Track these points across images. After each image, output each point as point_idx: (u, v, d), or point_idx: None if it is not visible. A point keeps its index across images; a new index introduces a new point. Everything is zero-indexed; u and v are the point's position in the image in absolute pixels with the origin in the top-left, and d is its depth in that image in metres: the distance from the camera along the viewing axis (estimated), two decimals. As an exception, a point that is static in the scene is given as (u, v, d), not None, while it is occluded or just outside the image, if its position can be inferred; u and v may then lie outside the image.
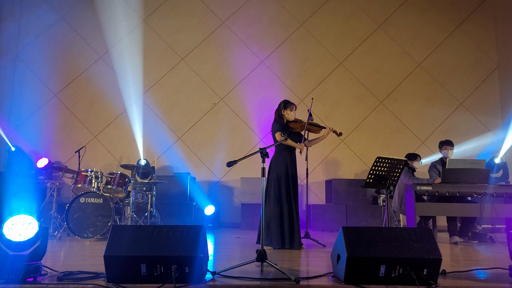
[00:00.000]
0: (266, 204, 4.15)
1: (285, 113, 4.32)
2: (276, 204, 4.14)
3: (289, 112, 4.31)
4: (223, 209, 7.17)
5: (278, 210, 4.13)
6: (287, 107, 4.32)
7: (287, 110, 4.32)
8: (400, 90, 7.61)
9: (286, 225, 4.09)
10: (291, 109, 4.32)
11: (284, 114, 4.33)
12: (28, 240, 2.48)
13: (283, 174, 4.18)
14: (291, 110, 4.32)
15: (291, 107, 4.32)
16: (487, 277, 2.74)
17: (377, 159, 3.73)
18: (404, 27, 7.79)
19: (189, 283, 2.36)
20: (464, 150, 7.23)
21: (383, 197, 6.49)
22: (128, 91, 7.50)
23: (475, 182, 4.89)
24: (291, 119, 4.33)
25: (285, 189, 4.17)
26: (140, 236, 2.45)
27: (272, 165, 4.27)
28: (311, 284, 2.44)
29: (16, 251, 2.47)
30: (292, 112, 4.32)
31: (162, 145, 7.41)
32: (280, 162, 4.22)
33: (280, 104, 4.37)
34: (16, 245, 2.47)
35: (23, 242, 2.47)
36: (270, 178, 4.22)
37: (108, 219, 4.87)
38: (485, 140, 7.40)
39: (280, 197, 4.15)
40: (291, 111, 4.32)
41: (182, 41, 7.70)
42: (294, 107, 4.36)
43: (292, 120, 4.33)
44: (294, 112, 4.35)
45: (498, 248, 4.40)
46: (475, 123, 7.50)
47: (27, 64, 7.56)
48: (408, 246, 2.42)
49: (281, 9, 7.81)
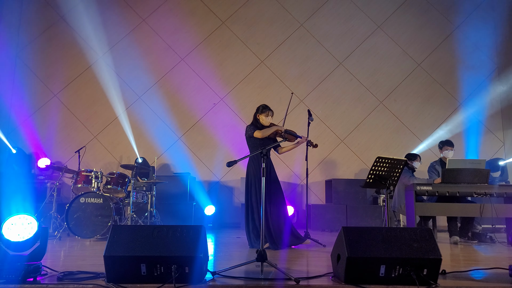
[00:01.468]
0: (252, 207, 4.17)
1: (260, 117, 4.33)
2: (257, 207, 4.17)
3: (264, 117, 4.32)
4: (223, 209, 7.17)
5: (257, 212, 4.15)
6: (263, 112, 4.33)
7: (262, 115, 4.32)
8: (400, 90, 7.62)
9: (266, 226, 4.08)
10: (266, 114, 4.32)
11: (259, 119, 4.34)
12: (27, 240, 2.48)
13: (258, 177, 4.17)
14: (267, 115, 4.32)
15: (267, 112, 4.33)
16: (487, 277, 2.74)
17: (377, 159, 3.73)
18: (404, 27, 7.79)
19: (189, 283, 2.36)
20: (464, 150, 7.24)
21: (383, 197, 6.49)
22: (128, 91, 7.50)
23: (475, 182, 4.88)
24: (265, 124, 4.34)
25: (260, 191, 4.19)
26: (140, 236, 2.45)
27: (250, 168, 4.27)
28: (311, 284, 2.44)
29: (16, 251, 2.46)
30: (267, 118, 4.33)
31: (162, 145, 7.41)
32: (257, 164, 4.21)
33: (258, 108, 4.39)
34: (15, 245, 2.47)
35: (22, 242, 2.47)
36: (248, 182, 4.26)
37: (108, 219, 4.87)
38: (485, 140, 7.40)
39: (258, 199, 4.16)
40: (267, 116, 4.32)
41: (182, 41, 7.70)
42: (271, 113, 4.36)
43: (267, 125, 4.34)
44: (270, 117, 4.36)
45: (498, 248, 4.40)
46: (475, 123, 7.50)
47: (27, 64, 7.56)
48: (408, 246, 2.42)
49: (281, 9, 7.81)
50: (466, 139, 7.37)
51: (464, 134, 7.40)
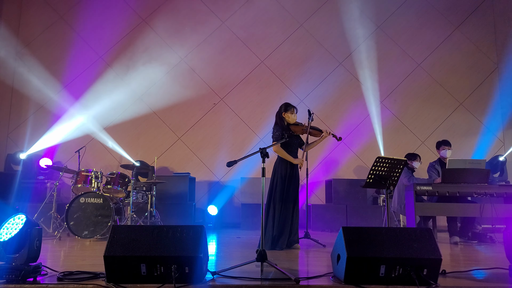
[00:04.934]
0: (271, 205, 4.21)
1: (285, 116, 4.33)
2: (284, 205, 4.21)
3: (290, 115, 4.31)
4: (223, 209, 7.16)
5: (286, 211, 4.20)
6: (287, 110, 4.32)
7: (287, 113, 4.32)
8: (400, 90, 7.61)
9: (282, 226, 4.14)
10: (291, 112, 4.32)
11: (285, 117, 4.33)
12: (14, 236, 2.39)
13: (285, 176, 4.22)
14: (292, 113, 4.32)
15: (292, 110, 4.33)
16: (487, 277, 2.74)
17: (377, 159, 3.73)
18: (404, 28, 7.79)
19: (189, 283, 2.36)
20: (464, 150, 7.24)
21: (383, 197, 6.50)
22: (128, 91, 7.50)
23: (475, 182, 4.88)
24: (292, 122, 4.33)
25: (286, 191, 4.22)
26: (140, 236, 2.45)
27: (276, 167, 4.32)
28: (311, 284, 2.44)
29: (8, 251, 2.39)
30: (292, 115, 4.32)
31: (162, 145, 7.41)
32: (282, 164, 4.26)
33: (281, 107, 4.37)
34: (6, 245, 2.39)
35: (10, 239, 2.40)
36: (273, 180, 4.29)
37: (108, 219, 4.87)
38: (485, 140, 7.40)
39: (283, 198, 4.20)
40: (292, 114, 4.32)
41: (182, 41, 7.70)
42: (295, 110, 4.36)
43: (293, 123, 4.35)
44: (295, 114, 4.36)
45: (498, 248, 4.40)
46: (475, 123, 7.50)
47: (27, 64, 7.56)
48: (408, 246, 2.42)
49: (281, 9, 7.81)
50: (466, 139, 7.37)
51: (464, 134, 7.40)
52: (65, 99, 7.50)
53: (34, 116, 7.41)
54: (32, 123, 7.36)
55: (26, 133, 7.28)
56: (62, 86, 7.53)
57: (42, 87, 7.49)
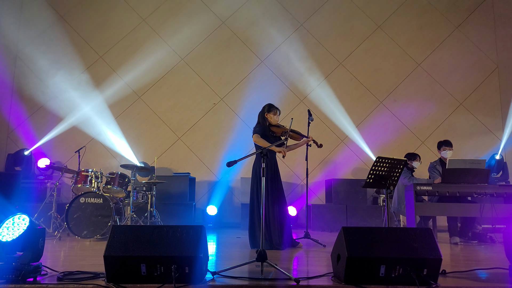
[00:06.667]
0: (257, 206, 4.18)
1: (268, 116, 4.36)
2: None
3: (273, 116, 4.35)
4: (223, 209, 7.16)
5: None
6: (271, 111, 4.36)
7: (270, 114, 4.35)
8: (400, 90, 7.61)
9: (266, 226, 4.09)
10: (274, 113, 4.36)
11: (267, 117, 4.36)
12: (18, 238, 2.41)
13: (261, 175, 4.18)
14: (275, 114, 4.36)
15: (275, 111, 4.37)
16: (487, 277, 2.74)
17: (377, 159, 3.73)
18: (404, 27, 7.79)
19: (189, 283, 2.36)
20: (464, 150, 7.23)
21: (383, 197, 6.49)
22: (128, 91, 7.49)
23: (475, 182, 4.88)
24: (273, 123, 4.37)
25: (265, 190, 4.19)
26: (140, 236, 2.45)
27: (255, 168, 4.29)
28: (311, 284, 2.44)
29: (9, 251, 2.39)
30: (275, 116, 4.36)
31: (162, 145, 7.41)
32: (257, 164, 4.25)
33: (265, 107, 4.41)
34: (7, 245, 2.39)
35: (13, 240, 2.40)
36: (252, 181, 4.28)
37: (108, 219, 4.87)
38: (485, 140, 7.40)
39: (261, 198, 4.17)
40: (275, 115, 4.36)
41: (182, 41, 7.70)
42: (278, 111, 4.41)
43: (275, 124, 4.37)
44: (278, 116, 4.40)
45: (498, 248, 4.39)
46: (475, 123, 7.49)
47: (27, 64, 7.56)
48: (408, 246, 2.42)
49: (281, 9, 7.80)
50: (466, 139, 7.36)
51: (464, 134, 7.40)
52: (65, 99, 7.50)
53: (34, 116, 7.41)
54: (32, 123, 7.36)
55: (26, 133, 7.28)
56: (61, 87, 7.52)
57: (42, 87, 7.48)
